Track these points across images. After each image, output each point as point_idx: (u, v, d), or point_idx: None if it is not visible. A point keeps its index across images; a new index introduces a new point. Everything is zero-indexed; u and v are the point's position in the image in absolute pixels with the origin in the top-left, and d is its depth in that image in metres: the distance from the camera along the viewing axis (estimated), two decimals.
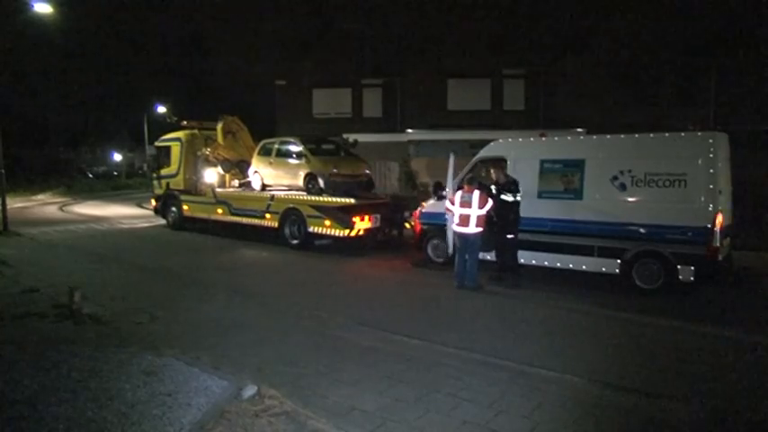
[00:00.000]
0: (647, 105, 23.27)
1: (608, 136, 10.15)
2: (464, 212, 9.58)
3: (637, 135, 9.67)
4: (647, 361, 6.21)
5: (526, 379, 5.61)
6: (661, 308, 8.40)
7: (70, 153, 67.17)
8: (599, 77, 24.23)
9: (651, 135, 9.47)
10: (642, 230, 9.11)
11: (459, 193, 9.84)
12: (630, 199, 9.32)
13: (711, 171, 8.69)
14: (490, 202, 9.50)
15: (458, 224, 9.74)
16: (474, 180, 9.86)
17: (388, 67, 27.44)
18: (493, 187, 9.84)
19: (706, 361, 6.26)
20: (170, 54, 58.02)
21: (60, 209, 27.60)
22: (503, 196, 9.69)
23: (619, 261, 9.35)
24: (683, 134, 9.29)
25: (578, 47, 24.66)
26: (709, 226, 8.58)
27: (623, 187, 9.34)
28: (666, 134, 9.37)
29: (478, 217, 9.43)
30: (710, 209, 8.62)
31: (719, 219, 8.62)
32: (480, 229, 9.52)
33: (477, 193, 9.48)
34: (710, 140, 8.86)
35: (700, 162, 8.76)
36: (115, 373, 5.33)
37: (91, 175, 54.36)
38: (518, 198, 9.71)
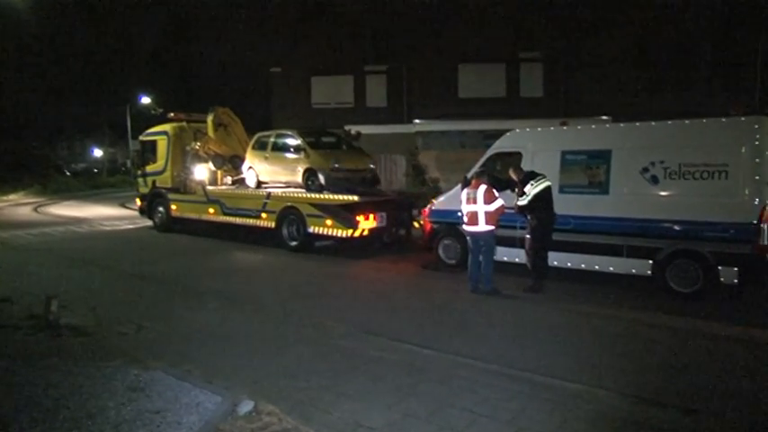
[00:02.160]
0: (681, 89, 23.01)
1: (637, 124, 10.08)
2: (471, 210, 9.57)
3: (670, 122, 9.59)
4: (685, 373, 6.15)
5: (549, 392, 5.57)
6: (699, 314, 8.32)
7: (45, 149, 67.37)
8: (626, 59, 24.04)
9: (686, 121, 9.39)
10: (677, 228, 9.04)
11: (466, 189, 9.83)
12: (663, 193, 9.24)
13: (757, 161, 8.54)
14: (499, 201, 9.45)
15: (466, 223, 9.72)
16: (483, 174, 9.82)
17: (393, 52, 27.42)
18: (520, 202, 9.69)
19: (751, 372, 6.19)
20: (155, 40, 58.21)
21: (35, 210, 27.74)
22: (519, 202, 9.61)
23: (651, 262, 9.29)
24: (723, 120, 9.15)
25: (602, 26, 24.46)
26: (755, 222, 8.43)
27: (655, 180, 9.27)
28: (704, 120, 9.26)
29: (488, 214, 9.40)
30: (756, 203, 8.47)
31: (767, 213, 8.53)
32: (492, 228, 9.49)
33: (482, 188, 9.45)
34: (756, 126, 8.71)
35: (743, 150, 8.63)
36: (97, 390, 5.32)
37: (69, 173, 54.63)
38: (523, 201, 9.55)
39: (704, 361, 6.53)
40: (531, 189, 9.45)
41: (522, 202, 9.55)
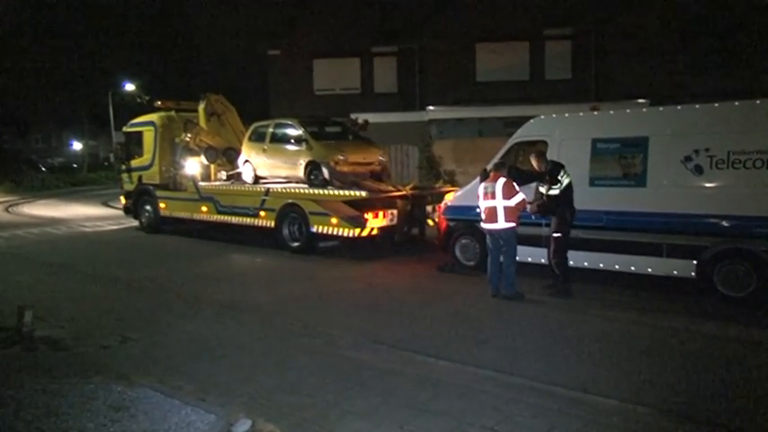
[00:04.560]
0: (728, 67, 22.66)
1: (678, 107, 10.02)
2: (489, 205, 9.58)
3: (716, 104, 9.49)
4: (734, 387, 6.08)
5: (580, 409, 5.54)
6: (752, 321, 8.24)
7: (17, 142, 67.72)
8: (665, 35, 23.80)
9: (736, 103, 9.29)
10: (725, 224, 8.95)
11: (483, 183, 9.82)
12: (709, 185, 9.16)
13: None
14: (520, 195, 9.43)
15: (484, 220, 9.73)
16: (502, 166, 9.82)
17: (403, 31, 27.36)
18: (542, 188, 9.67)
19: None
20: (140, 20, 58.25)
21: (6, 210, 27.95)
22: (551, 192, 9.55)
23: (695, 262, 9.20)
24: None
25: None
26: None
27: (699, 170, 9.18)
28: (757, 101, 9.14)
29: (507, 210, 9.39)
30: None
31: None
32: (512, 224, 9.48)
33: (501, 181, 9.46)
34: None
35: None
36: (76, 410, 5.34)
37: (44, 169, 54.88)
38: (555, 190, 9.54)
39: (758, 374, 6.45)
40: (564, 178, 9.42)
41: (555, 191, 9.49)
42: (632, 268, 9.85)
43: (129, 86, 47.56)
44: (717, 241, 9.04)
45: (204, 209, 16.61)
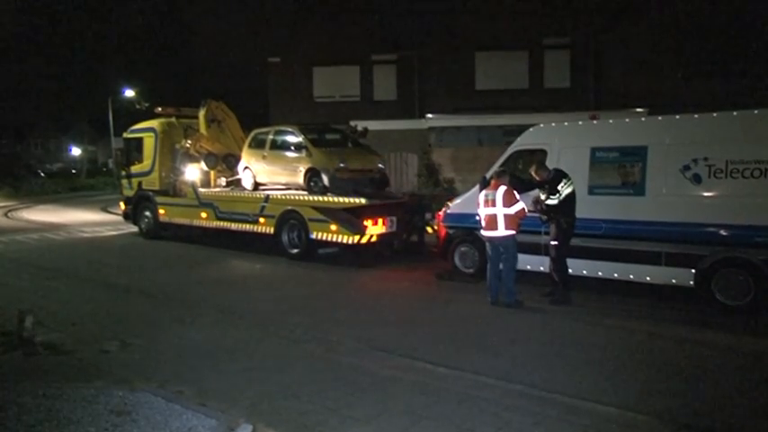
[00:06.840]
0: (728, 76, 22.66)
1: (677, 117, 10.06)
2: (489, 212, 9.62)
3: (715, 114, 9.55)
4: (733, 396, 6.09)
5: (580, 416, 5.54)
6: (750, 330, 8.27)
7: (16, 147, 67.74)
8: (665, 43, 23.84)
9: (734, 113, 9.34)
10: (723, 233, 8.98)
11: (484, 191, 9.85)
12: (707, 194, 9.19)
13: None
14: (521, 203, 9.46)
15: (484, 228, 9.76)
16: (503, 174, 9.84)
17: (403, 40, 27.42)
18: (542, 196, 9.70)
19: None
20: (140, 26, 58.37)
21: (5, 215, 27.91)
22: (549, 201, 9.59)
23: (693, 271, 9.23)
24: None
25: (637, 5, 24.29)
26: None
27: (698, 179, 9.22)
28: (755, 111, 9.19)
29: (507, 217, 9.42)
30: None
31: None
32: (512, 232, 9.52)
33: (502, 189, 9.49)
34: None
35: None
36: (77, 415, 5.34)
37: (43, 174, 54.93)
38: (554, 200, 9.56)
39: (757, 383, 6.47)
40: (564, 188, 9.43)
41: (553, 201, 9.52)
42: (631, 276, 9.87)
43: (129, 93, 47.63)
44: (715, 250, 9.06)
45: (204, 215, 16.62)
